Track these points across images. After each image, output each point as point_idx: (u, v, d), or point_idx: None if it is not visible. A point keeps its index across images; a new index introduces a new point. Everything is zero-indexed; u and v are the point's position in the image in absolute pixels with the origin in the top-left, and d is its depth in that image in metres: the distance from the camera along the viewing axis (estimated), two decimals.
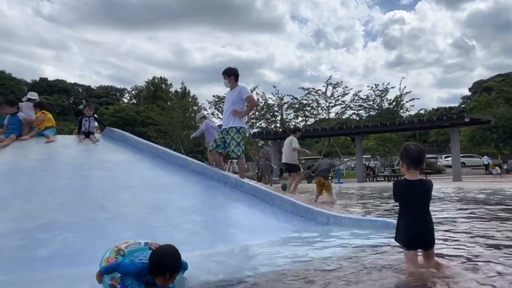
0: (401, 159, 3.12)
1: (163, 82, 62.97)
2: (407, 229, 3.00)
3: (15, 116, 6.58)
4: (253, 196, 5.73)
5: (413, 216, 2.99)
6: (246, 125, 6.79)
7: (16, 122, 6.53)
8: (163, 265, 2.51)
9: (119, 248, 2.80)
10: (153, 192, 5.14)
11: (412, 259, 3.01)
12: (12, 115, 6.58)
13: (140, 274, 2.60)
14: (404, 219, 3.03)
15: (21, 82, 77.59)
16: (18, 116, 6.58)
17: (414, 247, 3.01)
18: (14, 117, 6.56)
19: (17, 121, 6.53)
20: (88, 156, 6.01)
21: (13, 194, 4.55)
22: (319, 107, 36.74)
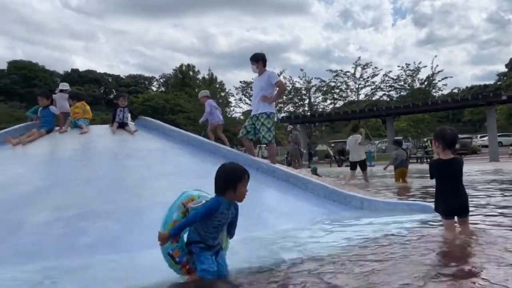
0: (436, 141, 3.60)
1: (190, 69, 63.42)
2: (444, 201, 3.57)
3: (47, 109, 6.54)
4: (285, 181, 5.72)
5: (448, 189, 3.55)
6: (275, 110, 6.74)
7: (48, 115, 6.52)
8: (240, 169, 2.84)
9: (186, 208, 2.83)
10: (187, 179, 5.19)
11: (450, 226, 3.57)
12: (44, 108, 6.55)
13: (214, 211, 2.69)
14: (441, 193, 3.61)
15: (54, 74, 79.77)
16: (50, 109, 6.57)
17: (452, 215, 3.57)
18: (46, 110, 6.53)
19: (49, 114, 6.52)
20: (123, 146, 6.13)
21: (53, 184, 4.71)
22: (348, 89, 36.14)
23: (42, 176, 4.94)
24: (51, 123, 6.47)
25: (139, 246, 3.65)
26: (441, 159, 3.58)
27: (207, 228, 2.69)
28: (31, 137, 6.04)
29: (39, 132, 6.18)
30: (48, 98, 6.65)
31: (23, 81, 69.73)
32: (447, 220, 3.56)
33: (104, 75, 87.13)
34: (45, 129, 6.30)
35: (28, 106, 54.67)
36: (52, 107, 6.61)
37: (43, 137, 6.22)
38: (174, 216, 2.76)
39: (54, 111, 6.55)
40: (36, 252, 3.49)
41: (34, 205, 4.21)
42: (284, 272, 2.86)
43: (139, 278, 2.83)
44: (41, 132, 6.21)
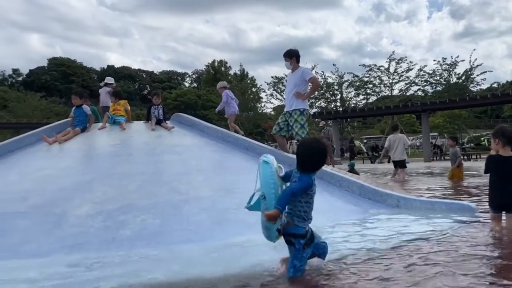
0: (496, 137, 3.83)
1: (222, 65, 63.88)
2: (496, 195, 3.88)
3: (80, 108, 6.58)
4: (319, 179, 5.67)
5: (503, 184, 3.80)
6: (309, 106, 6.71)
7: (81, 114, 6.57)
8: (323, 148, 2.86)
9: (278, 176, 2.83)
10: (223, 175, 5.27)
11: (496, 218, 3.87)
12: (77, 107, 6.60)
13: (311, 183, 2.82)
14: (494, 187, 3.89)
15: (91, 70, 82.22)
16: (83, 109, 6.59)
17: (499, 209, 3.85)
18: (79, 110, 6.58)
19: (82, 113, 6.56)
20: (160, 141, 6.27)
21: (94, 178, 4.87)
22: (381, 84, 35.47)
23: (84, 171, 5.12)
24: (84, 122, 6.56)
25: (177, 240, 3.74)
26: (501, 155, 3.82)
27: (305, 202, 2.78)
28: (67, 135, 6.16)
29: (75, 131, 6.29)
30: (81, 97, 6.72)
31: (62, 78, 72.29)
32: (495, 214, 3.87)
33: (139, 71, 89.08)
34: (80, 128, 6.42)
35: (67, 101, 56.34)
36: (85, 107, 6.64)
37: (80, 134, 6.40)
38: (278, 191, 2.73)
39: (87, 111, 6.61)
40: (80, 244, 3.63)
41: (77, 199, 4.37)
42: (325, 269, 2.86)
43: (179, 271, 2.90)
44: (76, 130, 6.32)
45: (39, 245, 3.58)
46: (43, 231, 3.80)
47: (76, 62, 77.67)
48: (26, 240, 3.66)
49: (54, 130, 6.57)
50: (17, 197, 4.41)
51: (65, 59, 77.02)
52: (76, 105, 6.62)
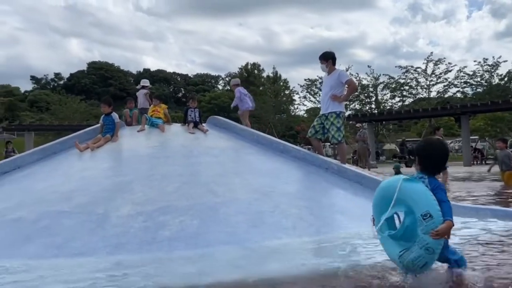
0: None
1: (255, 68, 64.11)
2: None
3: (109, 116, 6.58)
4: (356, 183, 5.61)
5: None
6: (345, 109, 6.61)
7: (110, 122, 6.55)
8: None
9: None
10: (258, 178, 5.28)
11: None
12: (106, 115, 6.60)
13: None
14: None
15: (128, 74, 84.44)
16: (112, 117, 6.58)
17: None
18: (108, 118, 6.58)
19: (111, 121, 6.55)
20: (196, 144, 6.35)
21: (135, 179, 4.99)
22: (418, 86, 34.61)
23: (125, 172, 5.25)
24: (114, 129, 6.53)
25: (215, 242, 3.78)
26: None
27: None
28: (98, 143, 6.18)
29: (105, 138, 6.32)
30: (110, 105, 6.70)
31: (100, 81, 74.70)
32: None
33: (173, 74, 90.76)
34: (110, 135, 6.43)
35: None
36: (114, 114, 6.63)
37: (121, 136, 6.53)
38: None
39: (115, 119, 6.59)
40: (122, 243, 3.73)
41: (118, 199, 4.49)
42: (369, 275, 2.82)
43: (218, 274, 2.93)
44: (107, 137, 6.34)
45: (83, 243, 3.70)
46: (87, 230, 3.92)
47: (114, 66, 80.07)
48: (71, 238, 3.79)
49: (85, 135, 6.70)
50: (62, 197, 4.58)
51: (103, 63, 79.60)
52: (105, 113, 6.64)
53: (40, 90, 68.08)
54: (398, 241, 2.65)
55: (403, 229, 2.62)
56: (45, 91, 65.47)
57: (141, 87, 9.18)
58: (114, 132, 6.49)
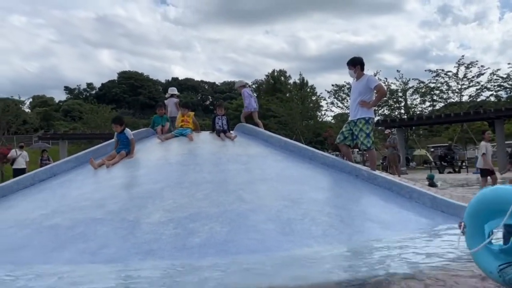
0: None
1: (282, 75, 64.14)
2: None
3: (122, 133, 6.57)
4: (387, 189, 5.51)
5: None
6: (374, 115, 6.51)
7: (125, 139, 6.53)
8: None
9: None
10: (287, 185, 5.26)
11: None
12: (119, 133, 6.58)
13: None
14: None
15: (157, 83, 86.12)
16: (125, 133, 6.56)
17: None
18: (121, 135, 6.57)
19: (125, 138, 6.53)
20: (225, 151, 6.39)
21: (165, 186, 5.06)
22: (449, 90, 33.76)
23: (155, 179, 5.34)
24: (128, 145, 6.50)
25: (244, 250, 3.78)
26: None
27: None
28: (114, 160, 6.17)
29: (120, 155, 6.29)
30: (121, 124, 6.64)
31: (130, 90, 76.47)
32: None
33: (201, 82, 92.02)
34: (125, 151, 6.40)
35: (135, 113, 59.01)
36: (127, 131, 6.62)
37: (150, 144, 6.62)
38: None
39: (129, 135, 6.57)
40: (153, 250, 3.78)
41: (149, 206, 4.57)
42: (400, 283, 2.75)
43: (249, 282, 2.92)
44: (122, 154, 6.30)
45: (116, 250, 3.77)
46: (119, 237, 4.00)
47: (143, 75, 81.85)
48: (104, 245, 3.87)
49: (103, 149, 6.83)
50: (95, 205, 4.70)
51: (133, 72, 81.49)
52: (117, 132, 6.61)
53: (73, 100, 70.24)
54: (497, 254, 2.49)
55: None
56: (78, 100, 67.48)
57: (170, 96, 9.30)
58: (129, 148, 6.44)
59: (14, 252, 3.94)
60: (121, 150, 6.38)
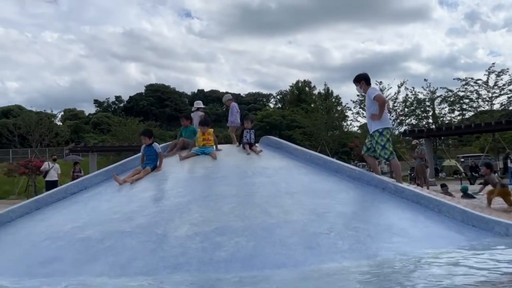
0: None
1: (306, 85, 64.14)
2: None
3: (151, 147, 6.49)
4: (415, 203, 5.41)
5: None
6: (390, 123, 6.51)
7: (152, 153, 6.47)
8: None
9: None
10: (313, 198, 5.25)
11: None
12: (147, 146, 6.52)
13: None
14: None
15: (183, 95, 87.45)
16: (154, 147, 6.49)
17: None
18: (149, 148, 6.50)
19: (153, 152, 6.47)
20: (250, 164, 6.44)
21: (192, 200, 5.14)
22: (479, 99, 32.92)
23: (182, 192, 5.42)
24: (155, 160, 6.45)
25: (271, 264, 3.79)
26: None
27: None
28: (137, 175, 6.11)
29: (145, 170, 6.22)
30: (150, 137, 6.57)
31: (157, 102, 77.87)
32: None
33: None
34: (150, 167, 6.33)
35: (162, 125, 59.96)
36: (156, 145, 6.55)
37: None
38: None
39: (157, 149, 6.50)
40: (180, 264, 3.84)
41: (176, 219, 4.64)
42: None
43: None
44: (147, 169, 6.24)
45: (145, 263, 3.86)
46: (147, 251, 4.08)
47: (170, 88, 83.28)
48: (133, 258, 3.96)
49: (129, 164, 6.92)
50: (124, 218, 4.81)
51: (160, 85, 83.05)
52: (146, 144, 6.55)
53: (102, 112, 72.08)
54: None
55: None
56: (107, 113, 69.20)
57: (196, 109, 9.42)
58: (155, 164, 6.40)
59: (48, 265, 4.08)
60: (146, 165, 6.35)
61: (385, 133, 6.41)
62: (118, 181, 6.01)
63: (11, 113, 57.24)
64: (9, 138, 39.36)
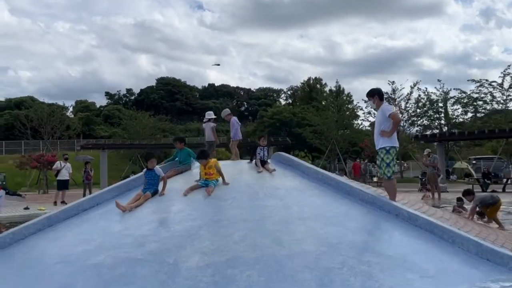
0: None
1: (317, 82, 63.74)
2: None
3: (152, 171, 6.30)
4: (429, 232, 5.34)
5: None
6: (397, 143, 6.52)
7: (153, 177, 6.28)
8: None
9: None
10: (325, 225, 5.21)
11: None
12: (149, 170, 6.32)
13: None
14: None
15: (194, 89, 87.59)
16: (155, 171, 6.30)
17: None
18: (150, 172, 6.30)
19: (154, 176, 6.28)
20: (262, 183, 6.40)
21: (203, 224, 5.13)
22: (493, 101, 32.47)
23: (193, 215, 5.42)
24: (156, 184, 6.27)
25: None
26: None
27: None
28: (137, 202, 5.94)
29: (145, 196, 6.05)
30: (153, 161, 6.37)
31: (168, 96, 78.14)
32: None
33: (237, 89, 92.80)
34: (151, 192, 6.14)
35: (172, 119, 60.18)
36: (157, 169, 6.35)
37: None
38: None
39: (159, 173, 6.32)
40: None
41: (187, 247, 4.64)
42: None
43: None
44: (147, 195, 6.07)
45: None
46: (159, 282, 4.08)
47: (181, 81, 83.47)
48: None
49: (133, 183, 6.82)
50: (136, 243, 4.82)
51: (171, 78, 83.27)
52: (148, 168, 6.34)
53: (113, 105, 72.46)
54: None
55: None
56: (118, 106, 69.55)
57: (207, 120, 9.34)
58: (155, 188, 6.22)
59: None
60: (147, 190, 6.15)
61: (391, 152, 6.40)
62: (121, 208, 5.72)
63: (24, 104, 57.74)
64: (21, 130, 39.80)
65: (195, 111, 78.86)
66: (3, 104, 60.24)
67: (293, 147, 47.14)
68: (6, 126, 53.46)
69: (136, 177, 7.05)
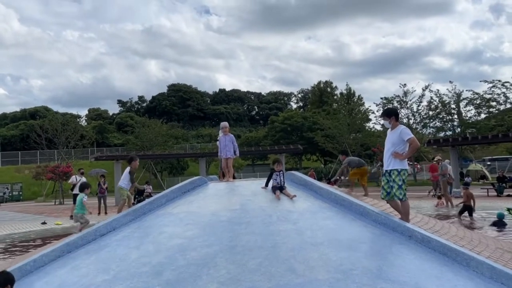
0: None
1: (328, 85, 63.63)
2: None
3: None
4: (442, 255, 5.36)
5: None
6: (407, 165, 6.66)
7: None
8: None
9: None
10: (339, 251, 5.25)
11: None
12: None
13: None
14: None
15: (205, 94, 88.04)
16: None
17: None
18: None
19: None
20: (274, 206, 6.47)
21: (219, 251, 5.22)
22: (507, 102, 32.16)
23: (209, 241, 5.51)
24: None
25: None
26: None
27: None
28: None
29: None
30: None
31: (179, 102, 78.73)
32: None
33: (247, 93, 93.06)
34: None
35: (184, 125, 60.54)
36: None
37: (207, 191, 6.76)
38: None
39: None
40: None
41: (204, 276, 4.72)
42: None
43: None
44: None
45: None
46: None
47: (192, 88, 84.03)
48: None
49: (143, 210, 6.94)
50: (153, 271, 4.92)
51: (182, 85, 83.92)
52: None
53: (125, 112, 73.22)
54: None
55: None
56: (130, 113, 70.26)
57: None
58: None
59: None
60: None
61: (402, 174, 6.52)
62: None
63: (38, 114, 58.68)
64: (36, 141, 40.53)
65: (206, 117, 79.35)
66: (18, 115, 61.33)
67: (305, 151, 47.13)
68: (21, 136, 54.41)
69: (152, 199, 7.18)
